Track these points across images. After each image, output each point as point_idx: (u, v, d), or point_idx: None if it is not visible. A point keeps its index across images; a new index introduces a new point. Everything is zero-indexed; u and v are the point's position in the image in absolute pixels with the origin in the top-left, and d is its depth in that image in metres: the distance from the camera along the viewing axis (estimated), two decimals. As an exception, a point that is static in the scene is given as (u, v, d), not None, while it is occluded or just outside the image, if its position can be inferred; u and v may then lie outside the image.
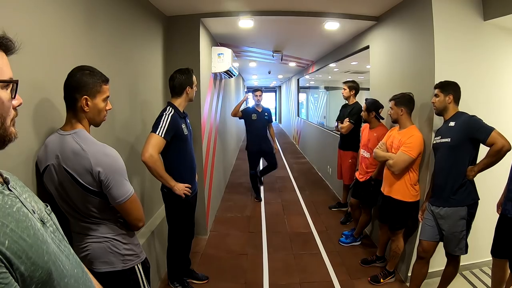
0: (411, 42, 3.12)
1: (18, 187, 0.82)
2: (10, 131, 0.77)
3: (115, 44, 2.39)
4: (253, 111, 5.42)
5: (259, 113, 5.41)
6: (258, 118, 5.39)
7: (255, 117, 5.38)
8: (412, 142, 2.75)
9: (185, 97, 2.64)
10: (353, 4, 3.46)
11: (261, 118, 5.41)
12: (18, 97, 0.79)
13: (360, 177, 3.72)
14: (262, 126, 5.45)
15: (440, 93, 2.51)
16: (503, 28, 2.88)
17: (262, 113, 5.43)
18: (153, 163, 2.32)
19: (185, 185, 2.55)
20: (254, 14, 3.74)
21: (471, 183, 2.46)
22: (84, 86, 1.45)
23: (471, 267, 3.18)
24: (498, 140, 2.27)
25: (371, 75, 4.15)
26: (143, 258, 1.69)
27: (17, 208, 0.72)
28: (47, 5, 1.61)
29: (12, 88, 0.76)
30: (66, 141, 1.43)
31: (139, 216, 1.60)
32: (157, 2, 3.23)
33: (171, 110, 2.52)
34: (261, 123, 5.43)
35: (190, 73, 2.67)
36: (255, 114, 5.39)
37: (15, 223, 0.67)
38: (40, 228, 0.76)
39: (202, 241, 4.00)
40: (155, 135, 2.36)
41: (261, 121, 5.43)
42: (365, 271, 3.29)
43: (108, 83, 1.56)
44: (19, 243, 0.65)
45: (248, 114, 5.44)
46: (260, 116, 5.41)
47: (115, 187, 1.45)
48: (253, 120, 5.38)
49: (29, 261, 0.66)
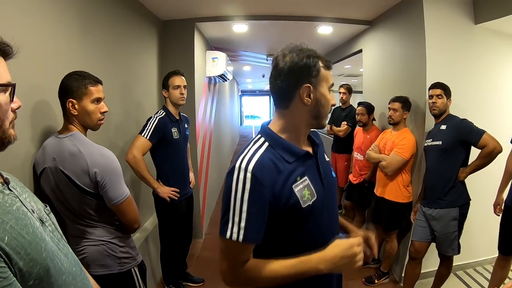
0: (403, 46, 3.17)
1: (18, 187, 0.84)
2: (9, 133, 0.79)
3: (110, 48, 2.40)
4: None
5: (314, 167, 1.42)
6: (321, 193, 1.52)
7: (309, 195, 1.37)
8: (405, 144, 2.79)
9: (168, 101, 2.63)
10: (346, 8, 3.50)
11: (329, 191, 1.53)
12: (17, 100, 0.81)
13: (354, 180, 3.75)
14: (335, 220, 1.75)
15: (443, 95, 2.52)
16: (494, 31, 2.94)
17: (325, 166, 1.46)
18: (135, 163, 2.37)
19: (171, 189, 2.54)
20: (248, 18, 3.77)
21: (462, 184, 2.51)
22: (69, 89, 1.47)
23: (465, 267, 3.22)
24: (489, 143, 2.33)
25: (364, 78, 4.19)
26: (139, 261, 1.69)
27: (17, 207, 0.74)
28: (42, 10, 1.62)
29: (10, 91, 0.78)
30: (63, 144, 1.45)
31: (135, 218, 1.61)
32: (152, 6, 3.25)
33: (162, 113, 2.55)
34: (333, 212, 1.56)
35: (170, 74, 2.63)
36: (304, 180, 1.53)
37: (14, 221, 0.69)
38: (39, 226, 0.78)
39: (198, 244, 3.99)
40: (140, 136, 2.41)
41: (332, 204, 1.45)
42: (359, 272, 3.29)
43: (100, 85, 1.57)
44: (18, 240, 0.67)
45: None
46: (327, 180, 1.51)
47: (111, 188, 1.46)
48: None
49: (28, 257, 0.68)
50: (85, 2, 2.05)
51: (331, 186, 1.19)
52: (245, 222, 0.97)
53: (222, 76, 4.75)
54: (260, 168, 1.00)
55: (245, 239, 0.97)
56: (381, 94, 3.53)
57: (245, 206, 0.97)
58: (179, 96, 2.60)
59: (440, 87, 2.54)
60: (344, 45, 4.94)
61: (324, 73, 1.08)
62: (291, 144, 1.09)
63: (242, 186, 0.98)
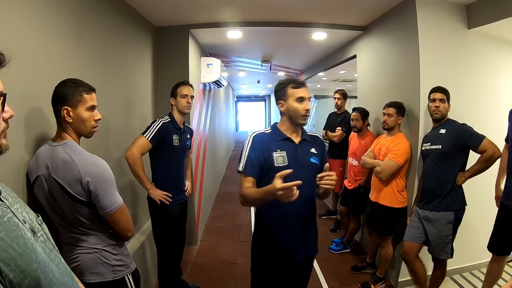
0: (397, 51, 3.20)
1: (10, 197, 0.83)
2: (1, 143, 0.78)
3: (104, 55, 2.40)
4: (276, 143, 2.16)
5: (294, 148, 2.15)
6: (293, 160, 2.22)
7: (283, 160, 2.16)
8: (399, 149, 2.81)
9: (174, 108, 2.71)
10: (340, 14, 3.53)
11: (302, 162, 2.18)
12: (9, 109, 0.80)
13: (349, 185, 3.75)
14: (307, 181, 1.99)
15: (445, 99, 2.54)
16: (487, 36, 2.98)
17: (303, 149, 2.16)
18: (133, 161, 2.43)
19: (163, 192, 2.57)
20: (242, 25, 3.79)
21: (460, 189, 2.53)
22: (64, 97, 1.47)
23: (462, 271, 3.22)
24: (489, 148, 2.35)
25: (359, 83, 4.21)
26: (133, 269, 1.69)
27: (8, 218, 0.73)
28: (35, 18, 1.62)
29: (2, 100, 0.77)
30: (56, 152, 1.45)
31: (128, 226, 1.60)
32: (146, 13, 3.26)
33: (167, 118, 2.65)
34: (305, 174, 1.98)
35: (179, 84, 2.73)
36: (282, 153, 2.27)
37: (5, 232, 0.69)
38: (30, 237, 0.77)
39: (193, 250, 3.97)
40: (142, 137, 2.50)
41: (304, 170, 2.07)
42: (355, 278, 3.31)
43: (94, 93, 1.56)
44: (8, 252, 0.67)
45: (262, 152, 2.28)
46: (300, 155, 2.21)
47: (104, 197, 1.46)
48: (277, 168, 2.18)
49: (18, 269, 0.68)
50: (79, 9, 2.05)
51: (305, 163, 1.87)
52: (244, 162, 1.81)
53: (217, 82, 4.76)
54: (257, 137, 1.87)
55: (244, 170, 1.80)
56: (375, 100, 3.55)
57: (246, 153, 1.82)
58: (185, 105, 2.69)
59: (442, 91, 2.55)
60: (339, 50, 4.97)
61: (291, 91, 1.81)
62: (281, 131, 1.89)
63: (247, 144, 1.85)
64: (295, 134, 1.89)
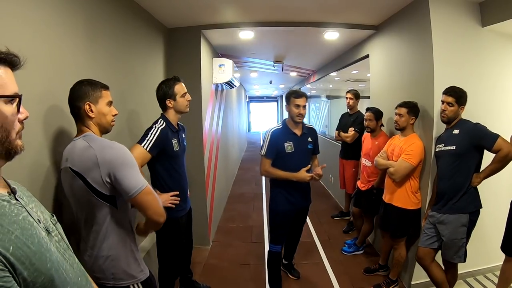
0: (410, 50, 3.15)
1: (25, 197, 0.85)
2: (16, 144, 0.79)
3: (116, 56, 2.43)
4: (286, 135, 2.82)
5: (297, 139, 2.82)
6: (297, 148, 2.82)
7: (291, 148, 2.79)
8: (413, 150, 2.77)
9: (171, 110, 2.44)
10: (352, 13, 3.51)
11: (302, 148, 2.85)
12: (24, 111, 0.82)
13: (362, 186, 3.72)
14: (304, 161, 2.83)
15: (455, 103, 2.48)
16: (501, 34, 2.92)
17: (303, 139, 2.86)
18: None
19: (170, 194, 2.36)
20: (254, 25, 3.80)
21: (475, 190, 2.48)
22: (85, 93, 1.55)
23: (475, 274, 3.16)
24: (504, 147, 2.30)
25: (371, 83, 4.17)
26: (147, 274, 1.67)
27: (23, 216, 0.74)
28: (48, 20, 1.66)
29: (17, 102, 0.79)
30: (76, 144, 1.51)
31: (158, 209, 1.52)
32: (158, 14, 3.29)
33: (162, 123, 2.36)
34: (303, 157, 2.86)
35: (172, 82, 2.42)
36: (290, 143, 2.80)
37: (20, 231, 0.70)
38: (45, 236, 0.79)
39: (205, 251, 3.99)
40: (139, 146, 2.18)
41: (303, 154, 2.86)
42: (368, 280, 3.28)
43: (109, 90, 1.65)
44: (23, 250, 0.68)
45: (277, 142, 2.80)
46: (301, 144, 2.84)
47: (125, 179, 1.42)
48: (287, 153, 2.79)
49: (32, 267, 0.69)
50: (91, 11, 2.09)
51: (304, 149, 2.86)
52: (266, 149, 2.79)
53: (229, 83, 4.77)
54: (274, 132, 2.82)
55: (265, 155, 2.79)
56: (388, 99, 3.51)
57: (267, 144, 2.79)
58: (187, 104, 2.49)
59: (453, 95, 2.48)
60: (351, 50, 4.94)
61: (293, 100, 2.74)
62: (289, 128, 2.83)
63: (267, 137, 2.81)
64: (298, 128, 2.84)
